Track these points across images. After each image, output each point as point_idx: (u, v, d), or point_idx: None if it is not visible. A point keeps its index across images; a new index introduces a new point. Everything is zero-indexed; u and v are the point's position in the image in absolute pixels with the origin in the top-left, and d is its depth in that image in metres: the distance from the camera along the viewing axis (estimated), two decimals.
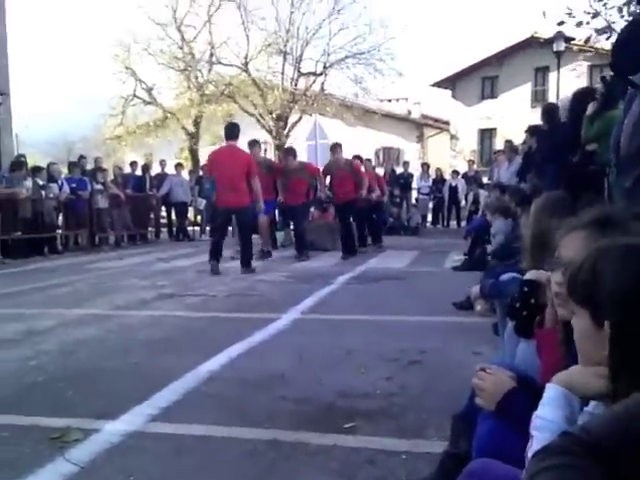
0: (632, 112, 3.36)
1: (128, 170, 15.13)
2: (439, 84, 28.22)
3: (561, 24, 12.60)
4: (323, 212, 10.85)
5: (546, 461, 0.92)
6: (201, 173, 14.79)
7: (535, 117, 10.12)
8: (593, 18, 11.23)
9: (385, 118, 25.33)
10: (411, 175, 17.89)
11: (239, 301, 6.14)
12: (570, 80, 16.58)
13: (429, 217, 18.07)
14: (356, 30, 22.07)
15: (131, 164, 15.25)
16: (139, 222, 13.84)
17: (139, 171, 14.72)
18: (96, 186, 12.47)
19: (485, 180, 14.60)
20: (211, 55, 22.48)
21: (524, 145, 8.85)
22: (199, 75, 22.81)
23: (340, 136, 10.23)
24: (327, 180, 10.33)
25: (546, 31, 16.48)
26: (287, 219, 11.51)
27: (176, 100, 23.13)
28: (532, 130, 7.88)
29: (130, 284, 7.46)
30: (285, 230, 12.07)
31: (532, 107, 23.57)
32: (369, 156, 14.47)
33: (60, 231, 12.18)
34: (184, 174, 15.36)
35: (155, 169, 16.05)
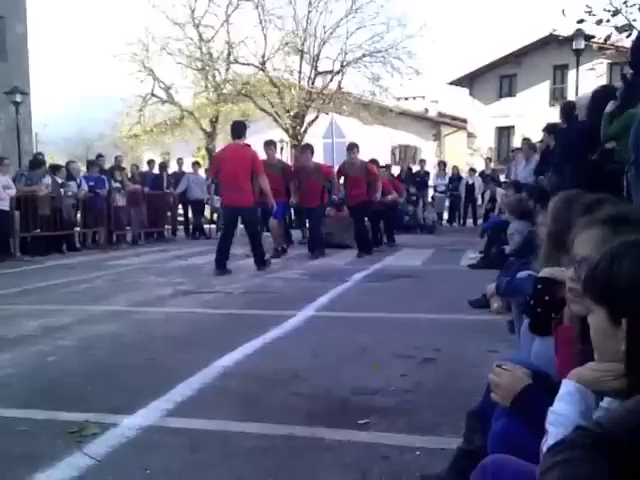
0: None
1: (145, 168, 15.26)
2: (457, 82, 28.12)
3: (581, 22, 12.50)
4: (338, 209, 10.83)
5: (560, 455, 0.92)
6: None
7: (553, 115, 10.07)
8: (613, 16, 11.14)
9: (402, 116, 25.24)
10: (427, 173, 17.83)
11: (254, 298, 6.17)
12: (589, 78, 16.41)
13: (445, 215, 17.99)
14: (373, 29, 22.10)
15: (148, 162, 15.38)
16: (156, 220, 13.94)
17: (156, 169, 14.81)
18: (114, 184, 12.59)
19: (502, 178, 14.51)
20: (229, 54, 22.54)
21: (542, 143, 8.79)
22: (217, 74, 22.89)
23: (356, 134, 10.18)
24: (341, 180, 10.24)
25: (565, 29, 16.34)
26: (303, 218, 11.49)
27: (193, 99, 23.26)
28: (550, 128, 7.83)
29: (147, 281, 7.52)
30: (302, 229, 12.10)
31: (550, 105, 23.40)
32: (386, 154, 14.45)
33: (78, 229, 12.30)
34: (201, 172, 15.44)
35: (172, 167, 16.15)
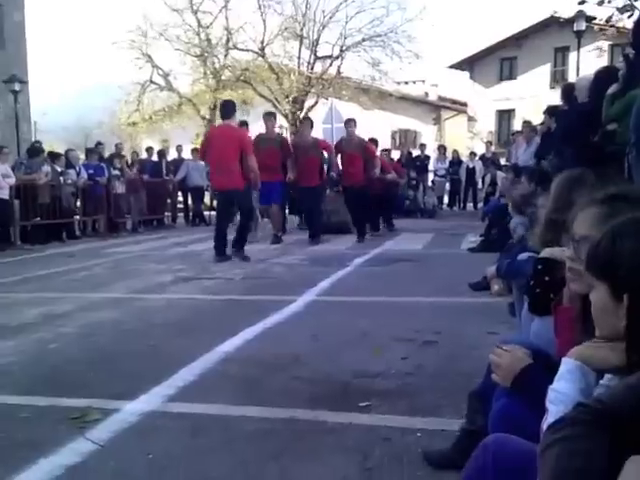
0: None
1: (144, 156, 15.22)
2: (457, 66, 27.94)
3: (582, 3, 12.38)
4: (337, 193, 10.77)
5: (560, 432, 0.92)
6: None
7: (554, 98, 9.99)
8: None
9: (402, 100, 25.11)
10: (428, 157, 17.77)
11: (255, 284, 6.17)
12: (591, 60, 16.29)
13: (445, 199, 17.95)
14: (373, 12, 21.90)
15: (147, 150, 15.34)
16: (156, 207, 13.92)
17: (155, 157, 14.78)
18: (113, 172, 12.56)
19: (503, 162, 14.46)
20: (227, 40, 22.38)
21: (543, 126, 8.73)
22: (215, 61, 22.75)
23: (356, 119, 10.08)
24: (338, 159, 10.04)
25: (566, 10, 16.20)
26: (300, 205, 11.00)
27: (192, 86, 23.13)
28: (551, 111, 7.76)
29: (147, 268, 7.52)
30: (300, 215, 11.96)
31: (551, 88, 23.25)
32: (386, 139, 14.37)
33: (78, 217, 12.30)
34: None
35: (172, 155, 16.10)
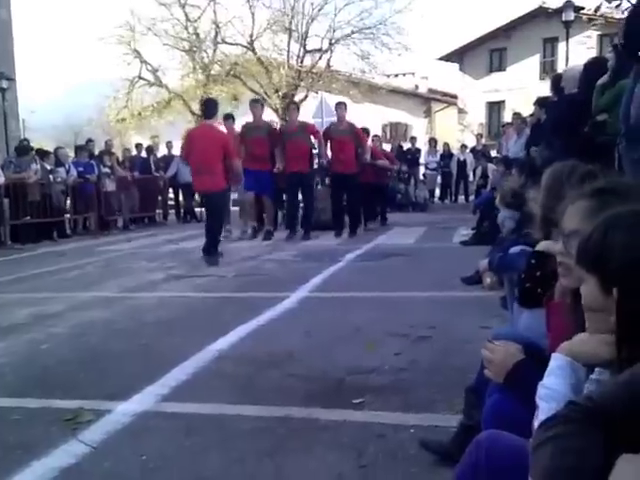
0: None
1: (134, 152, 15.12)
2: (446, 58, 27.91)
3: None
4: (328, 188, 10.68)
5: (551, 430, 0.92)
6: None
7: (544, 89, 10.00)
8: None
9: (392, 94, 25.03)
10: (418, 150, 17.76)
11: (247, 281, 6.15)
12: (579, 50, 16.32)
13: (437, 192, 17.95)
14: (362, 4, 21.81)
15: (137, 146, 15.25)
16: (147, 204, 13.86)
17: (144, 153, 14.70)
18: (103, 169, 12.49)
19: (494, 154, 14.48)
20: (216, 35, 22.24)
21: (532, 117, 8.74)
22: (204, 55, 22.62)
23: (347, 113, 10.02)
24: (328, 147, 9.85)
25: (554, 1, 16.21)
26: (289, 193, 10.16)
27: (181, 81, 22.99)
28: (541, 102, 7.76)
29: (139, 266, 7.49)
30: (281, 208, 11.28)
31: (541, 79, 23.26)
32: (377, 132, 14.29)
33: (68, 215, 12.22)
34: None
35: (162, 151, 16.01)
